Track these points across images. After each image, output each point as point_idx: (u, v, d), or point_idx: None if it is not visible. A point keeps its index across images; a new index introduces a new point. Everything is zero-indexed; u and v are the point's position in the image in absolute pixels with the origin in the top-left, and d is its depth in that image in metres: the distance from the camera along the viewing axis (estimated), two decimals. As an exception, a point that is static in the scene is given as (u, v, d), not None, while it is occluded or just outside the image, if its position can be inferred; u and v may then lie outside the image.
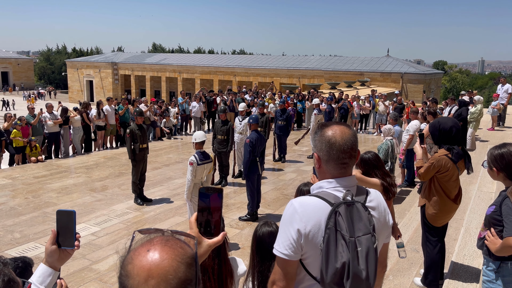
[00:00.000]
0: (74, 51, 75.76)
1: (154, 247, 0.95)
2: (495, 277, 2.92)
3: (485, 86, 70.10)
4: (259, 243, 2.59)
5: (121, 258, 0.98)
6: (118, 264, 0.98)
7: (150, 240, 0.98)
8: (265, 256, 2.55)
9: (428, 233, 4.32)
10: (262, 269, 2.54)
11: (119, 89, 49.90)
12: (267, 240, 2.57)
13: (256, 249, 2.61)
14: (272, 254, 2.53)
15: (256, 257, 2.59)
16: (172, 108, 16.73)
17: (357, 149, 1.78)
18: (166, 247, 0.95)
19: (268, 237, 2.58)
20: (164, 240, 0.98)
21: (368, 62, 37.01)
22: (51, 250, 1.58)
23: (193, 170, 6.03)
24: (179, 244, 0.98)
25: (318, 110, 11.83)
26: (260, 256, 2.57)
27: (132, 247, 0.99)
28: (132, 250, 0.98)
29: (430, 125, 4.35)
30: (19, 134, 11.37)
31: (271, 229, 2.62)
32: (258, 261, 2.58)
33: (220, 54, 64.71)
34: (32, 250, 6.16)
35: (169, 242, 0.97)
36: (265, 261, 2.55)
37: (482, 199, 6.54)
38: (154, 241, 0.97)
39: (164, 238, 0.99)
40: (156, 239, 0.98)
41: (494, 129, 14.67)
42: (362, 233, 1.64)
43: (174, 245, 0.97)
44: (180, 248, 0.97)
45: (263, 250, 2.56)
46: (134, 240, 1.01)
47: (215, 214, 1.32)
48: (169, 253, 0.94)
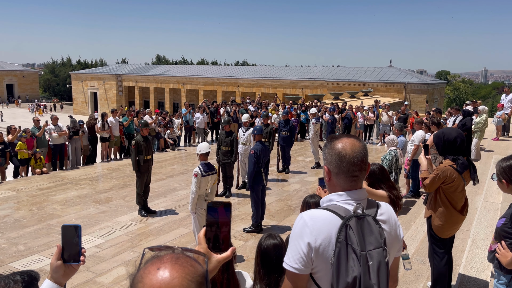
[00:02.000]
0: (78, 63, 76.42)
1: (164, 265, 0.94)
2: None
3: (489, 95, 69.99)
4: (264, 256, 2.58)
5: (131, 276, 0.97)
6: (128, 283, 0.98)
7: (160, 258, 0.97)
8: (270, 269, 2.54)
9: (434, 245, 4.28)
10: (269, 282, 2.52)
11: (123, 101, 50.15)
12: (272, 253, 2.56)
13: (261, 262, 2.59)
14: (278, 267, 2.52)
15: (262, 270, 2.58)
16: (176, 120, 16.80)
17: (367, 162, 1.77)
18: (176, 265, 0.94)
19: (273, 250, 2.57)
20: (174, 258, 0.97)
21: (371, 73, 37.08)
22: (56, 265, 1.57)
23: (198, 181, 6.02)
24: (189, 262, 0.97)
25: (316, 119, 12.33)
26: (266, 268, 2.56)
27: (142, 264, 0.98)
28: (142, 268, 0.97)
29: (434, 136, 4.34)
30: (24, 147, 11.42)
31: (276, 242, 2.61)
32: (264, 274, 2.56)
33: (224, 66, 65.01)
34: (37, 262, 6.14)
35: (179, 260, 0.96)
36: (271, 274, 2.53)
37: (488, 209, 6.49)
38: (164, 259, 0.96)
39: (175, 255, 0.98)
40: (166, 256, 0.97)
41: (498, 139, 14.62)
42: (373, 246, 1.62)
43: (185, 263, 0.96)
44: (190, 266, 0.96)
45: (269, 262, 2.55)
46: (144, 258, 1.00)
47: (223, 229, 1.31)
48: (179, 271, 0.93)
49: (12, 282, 1.73)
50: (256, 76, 41.93)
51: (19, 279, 1.78)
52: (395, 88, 33.37)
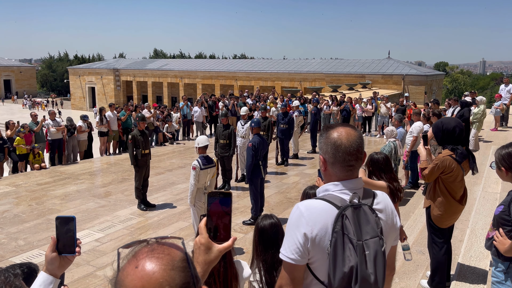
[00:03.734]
0: (76, 58, 76.03)
1: (141, 261, 0.90)
2: (504, 278, 2.89)
3: (487, 86, 69.96)
4: (261, 233, 2.70)
5: (112, 281, 0.94)
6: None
7: (135, 255, 0.93)
8: (267, 245, 2.67)
9: (434, 235, 4.29)
10: (266, 258, 2.65)
11: (121, 96, 50.04)
12: (269, 231, 2.68)
13: (259, 239, 2.71)
14: (274, 243, 2.64)
15: (259, 246, 2.70)
16: (175, 114, 16.77)
17: (363, 151, 1.75)
18: (153, 258, 0.91)
19: (270, 228, 2.70)
20: (150, 251, 0.93)
21: (369, 65, 36.98)
22: (51, 257, 1.55)
23: (196, 174, 6.02)
24: (166, 251, 0.93)
25: (298, 112, 12.58)
26: (263, 245, 2.68)
27: (120, 265, 0.94)
28: (121, 269, 0.92)
29: (433, 126, 4.33)
30: (22, 142, 11.40)
31: (272, 221, 2.74)
32: (261, 250, 2.68)
33: (222, 59, 64.77)
34: (37, 257, 6.15)
35: (155, 252, 0.92)
36: (268, 250, 2.66)
37: (487, 199, 6.50)
38: (140, 255, 0.92)
39: (149, 248, 0.94)
40: (141, 251, 0.93)
41: (497, 130, 14.62)
42: (369, 236, 1.61)
43: (161, 253, 0.93)
44: (167, 255, 0.92)
45: (266, 239, 2.68)
46: (120, 258, 0.96)
47: (224, 219, 1.30)
48: (157, 263, 0.90)
49: (12, 276, 1.72)
50: (254, 70, 41.80)
51: (19, 272, 1.78)
52: (394, 80, 33.30)
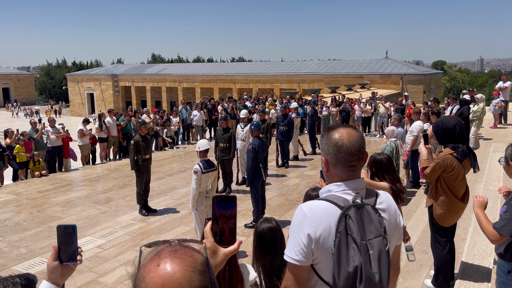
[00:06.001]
0: (74, 64, 76.08)
1: (163, 260, 0.93)
2: (508, 277, 2.89)
3: (485, 84, 70.04)
4: (259, 238, 2.72)
5: (132, 277, 0.95)
6: (130, 284, 0.96)
7: (158, 253, 0.95)
8: (265, 250, 2.68)
9: (436, 234, 4.28)
10: (265, 263, 2.67)
11: (120, 101, 50.06)
12: (267, 235, 2.70)
13: (257, 244, 2.72)
14: (272, 248, 2.68)
15: (258, 251, 2.71)
16: (174, 118, 16.80)
17: (364, 151, 1.76)
18: (175, 258, 0.93)
19: (268, 232, 2.72)
20: (172, 251, 0.95)
21: (367, 65, 37.05)
22: (53, 266, 1.55)
23: (198, 178, 6.01)
24: (188, 253, 0.96)
25: (296, 113, 12.65)
26: (261, 250, 2.69)
27: (141, 263, 0.96)
28: (142, 266, 0.95)
29: (433, 125, 4.33)
30: (22, 150, 11.39)
31: (270, 225, 2.75)
32: (260, 255, 2.70)
33: (220, 63, 64.86)
34: (38, 265, 6.14)
35: (177, 253, 0.95)
36: (266, 255, 2.68)
37: (488, 197, 6.47)
38: (163, 254, 0.94)
39: (172, 248, 0.96)
40: (164, 251, 0.95)
41: (496, 127, 14.62)
42: (373, 235, 1.61)
43: (183, 254, 0.95)
44: (190, 257, 0.95)
45: (263, 244, 2.69)
46: (142, 256, 0.98)
47: (229, 222, 1.29)
48: (179, 264, 0.92)
49: (11, 284, 1.72)
50: (253, 72, 41.87)
51: (18, 281, 1.77)
52: (392, 79, 33.35)
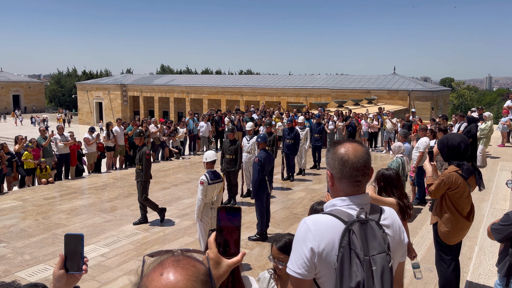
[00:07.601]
0: (84, 73, 77.04)
1: (166, 270, 0.94)
2: None
3: (494, 102, 69.70)
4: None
5: (135, 286, 0.97)
6: None
7: (161, 263, 0.97)
8: None
9: (441, 252, 4.25)
10: None
11: (128, 111, 50.48)
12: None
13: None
14: None
15: None
16: (181, 129, 16.88)
17: (370, 167, 1.77)
18: (178, 268, 0.94)
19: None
20: (175, 261, 0.96)
21: (374, 80, 37.11)
22: (59, 274, 1.57)
23: (204, 189, 6.02)
24: (191, 263, 0.97)
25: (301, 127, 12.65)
26: None
27: (144, 272, 0.97)
28: (145, 276, 0.96)
29: (438, 142, 4.33)
30: (30, 156, 11.50)
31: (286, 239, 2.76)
32: None
33: (228, 75, 65.30)
34: (42, 272, 6.15)
35: (180, 262, 0.96)
36: None
37: (495, 216, 6.43)
38: (166, 264, 0.96)
39: (175, 258, 0.97)
40: (167, 261, 0.97)
41: (504, 146, 14.52)
42: (376, 251, 1.61)
43: (186, 264, 0.96)
44: (192, 267, 0.96)
45: None
46: (145, 265, 1.00)
47: (233, 234, 1.30)
48: (182, 274, 0.93)
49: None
50: (260, 85, 42.08)
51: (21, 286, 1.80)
52: (399, 95, 33.34)
